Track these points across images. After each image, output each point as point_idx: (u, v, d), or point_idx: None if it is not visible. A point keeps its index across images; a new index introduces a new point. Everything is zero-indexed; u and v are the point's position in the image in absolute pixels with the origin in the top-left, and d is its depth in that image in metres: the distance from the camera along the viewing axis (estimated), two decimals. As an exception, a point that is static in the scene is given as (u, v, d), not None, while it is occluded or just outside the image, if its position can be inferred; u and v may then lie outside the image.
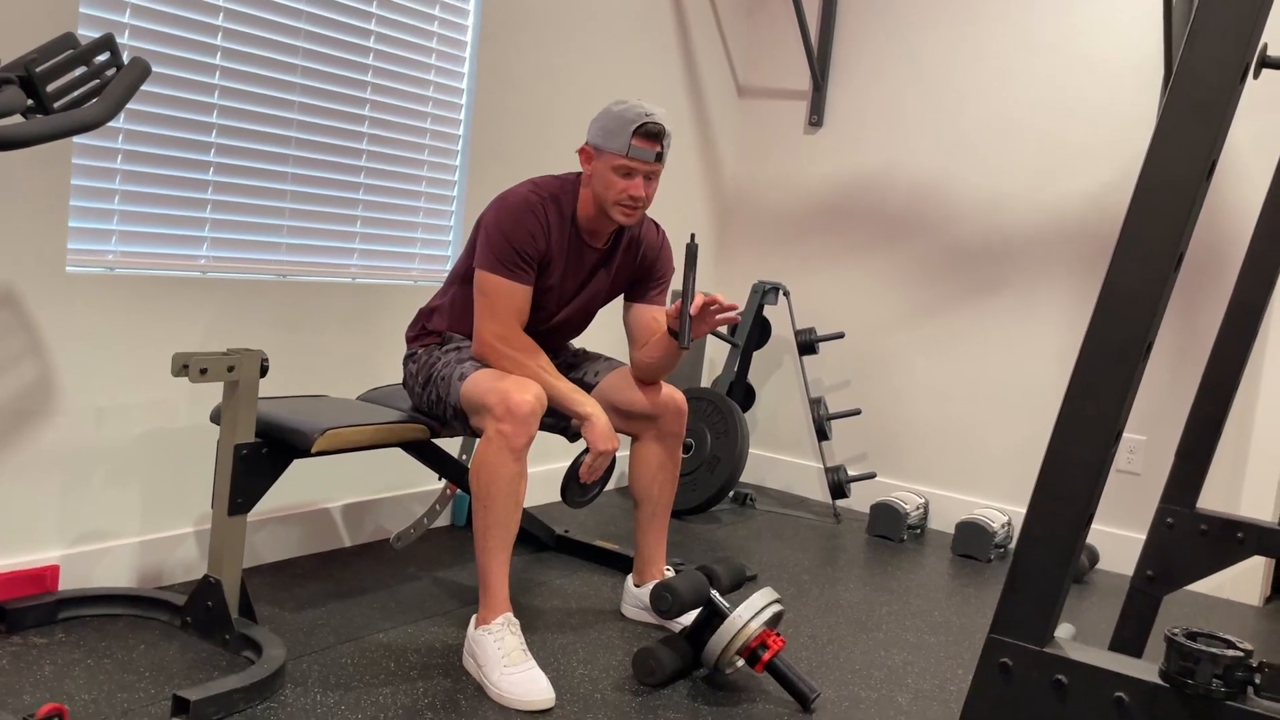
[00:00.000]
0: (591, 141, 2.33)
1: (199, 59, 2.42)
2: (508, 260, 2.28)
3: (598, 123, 2.32)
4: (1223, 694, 1.13)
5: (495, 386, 2.18)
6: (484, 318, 2.30)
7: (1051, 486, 1.20)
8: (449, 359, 2.36)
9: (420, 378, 2.42)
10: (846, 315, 4.00)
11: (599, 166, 2.31)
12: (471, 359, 2.33)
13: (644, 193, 2.32)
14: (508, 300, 2.29)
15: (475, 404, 2.23)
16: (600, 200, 2.34)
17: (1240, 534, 2.05)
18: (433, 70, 2.98)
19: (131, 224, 2.36)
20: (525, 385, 2.17)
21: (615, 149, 2.27)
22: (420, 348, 2.47)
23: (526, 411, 2.13)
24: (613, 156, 2.28)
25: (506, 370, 2.27)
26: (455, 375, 2.30)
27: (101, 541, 2.36)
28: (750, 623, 2.19)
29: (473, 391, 2.23)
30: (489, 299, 2.29)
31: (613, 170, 2.29)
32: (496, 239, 2.29)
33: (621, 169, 2.28)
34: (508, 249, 2.28)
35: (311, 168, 2.70)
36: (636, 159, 2.27)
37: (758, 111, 4.21)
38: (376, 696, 2.03)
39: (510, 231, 2.28)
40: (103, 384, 2.32)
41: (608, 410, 2.49)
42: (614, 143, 2.27)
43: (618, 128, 2.27)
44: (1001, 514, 3.60)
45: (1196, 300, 3.36)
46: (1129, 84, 3.46)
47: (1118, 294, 1.17)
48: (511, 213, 2.30)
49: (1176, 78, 1.13)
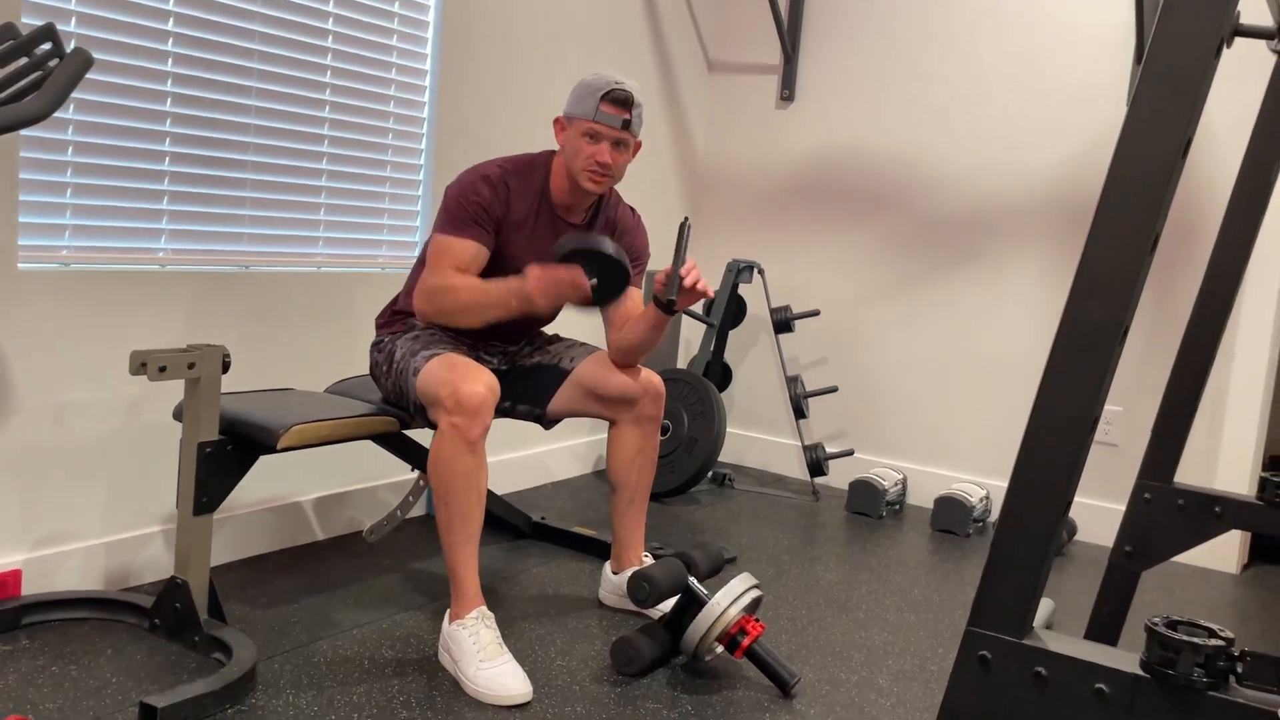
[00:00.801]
0: (565, 112, 2.36)
1: (151, 45, 2.35)
2: (456, 218, 2.28)
3: (571, 94, 2.36)
4: (1205, 684, 1.11)
5: (445, 379, 2.13)
6: (427, 270, 2.29)
7: (1028, 477, 1.18)
8: (406, 349, 2.32)
9: (384, 366, 2.38)
10: (822, 292, 3.97)
11: (570, 134, 2.34)
12: (425, 349, 2.28)
13: (610, 159, 2.32)
14: (450, 252, 2.27)
15: (428, 396, 2.19)
16: (570, 169, 2.35)
17: (1218, 508, 2.04)
18: (395, 52, 2.91)
19: (85, 218, 2.29)
20: (476, 375, 2.13)
21: (583, 114, 2.31)
22: (387, 334, 2.42)
23: (478, 403, 2.09)
24: (581, 122, 2.31)
25: (434, 313, 2.25)
26: (410, 370, 2.26)
27: (65, 544, 2.31)
28: (729, 609, 2.17)
29: (425, 385, 2.19)
30: (432, 255, 2.29)
31: (581, 136, 2.31)
32: (449, 203, 2.31)
33: (589, 133, 2.31)
34: (458, 208, 2.29)
35: (272, 155, 2.64)
36: (602, 123, 2.30)
37: (728, 87, 4.16)
38: (350, 696, 1.99)
39: (462, 194, 2.30)
40: (60, 383, 2.26)
41: (586, 395, 2.48)
42: (582, 108, 2.31)
43: (587, 94, 2.31)
44: (979, 488, 3.59)
45: (1173, 271, 3.35)
46: (1101, 53, 3.43)
47: (1093, 278, 1.14)
48: (468, 179, 2.33)
49: (1150, 53, 1.10)
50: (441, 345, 2.32)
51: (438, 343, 2.33)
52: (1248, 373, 3.24)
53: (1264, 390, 3.23)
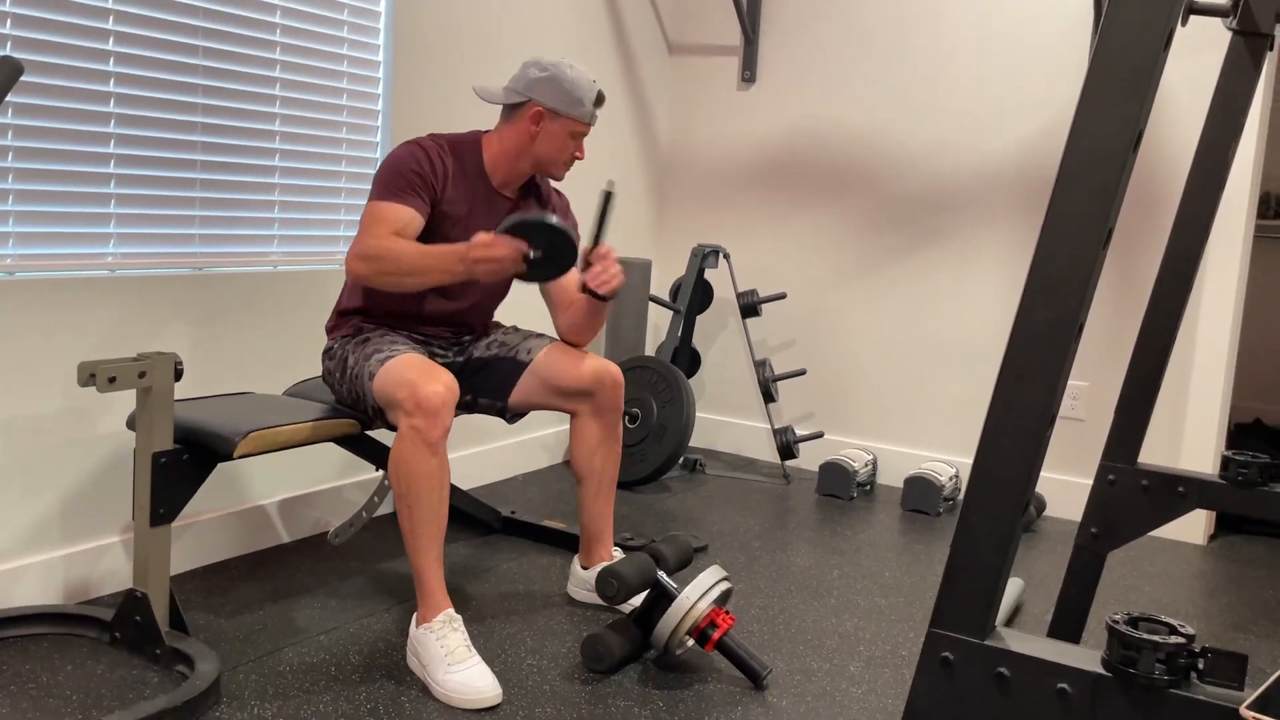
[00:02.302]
0: (550, 105, 2.33)
1: (91, 45, 2.28)
2: (389, 185, 2.25)
3: (551, 86, 2.32)
4: (1166, 681, 1.10)
5: (403, 380, 2.10)
6: (360, 234, 2.22)
7: (986, 478, 1.17)
8: (359, 354, 2.28)
9: (337, 374, 2.34)
10: (788, 275, 3.96)
11: (553, 128, 2.35)
12: (377, 351, 2.24)
13: (583, 153, 2.43)
14: (385, 216, 2.21)
15: (386, 399, 2.15)
16: (541, 159, 2.37)
17: (1181, 488, 2.05)
18: (346, 44, 2.85)
19: (29, 224, 2.23)
20: (434, 375, 2.09)
21: (578, 116, 2.35)
22: (336, 339, 2.38)
23: (437, 404, 2.06)
24: (572, 122, 2.35)
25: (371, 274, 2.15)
26: (365, 374, 2.22)
27: (20, 558, 2.26)
28: (699, 603, 2.16)
29: (383, 387, 2.16)
30: (364, 222, 2.23)
31: (569, 134, 2.36)
32: (384, 173, 2.27)
33: (577, 133, 2.37)
34: (394, 176, 2.26)
35: (222, 153, 2.58)
36: (591, 124, 2.39)
37: (689, 69, 4.12)
38: (317, 705, 1.97)
39: (398, 163, 2.27)
40: (9, 394, 2.20)
41: (545, 388, 2.46)
42: (576, 110, 2.34)
43: (578, 96, 2.33)
44: (949, 466, 3.60)
45: (1135, 244, 3.36)
46: (1061, 30, 3.42)
47: (1047, 274, 1.13)
48: (404, 150, 2.30)
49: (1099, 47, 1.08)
50: (394, 346, 2.27)
51: (390, 343, 2.29)
52: (1212, 346, 3.25)
53: (1226, 366, 3.25)
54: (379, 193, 2.26)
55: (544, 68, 2.33)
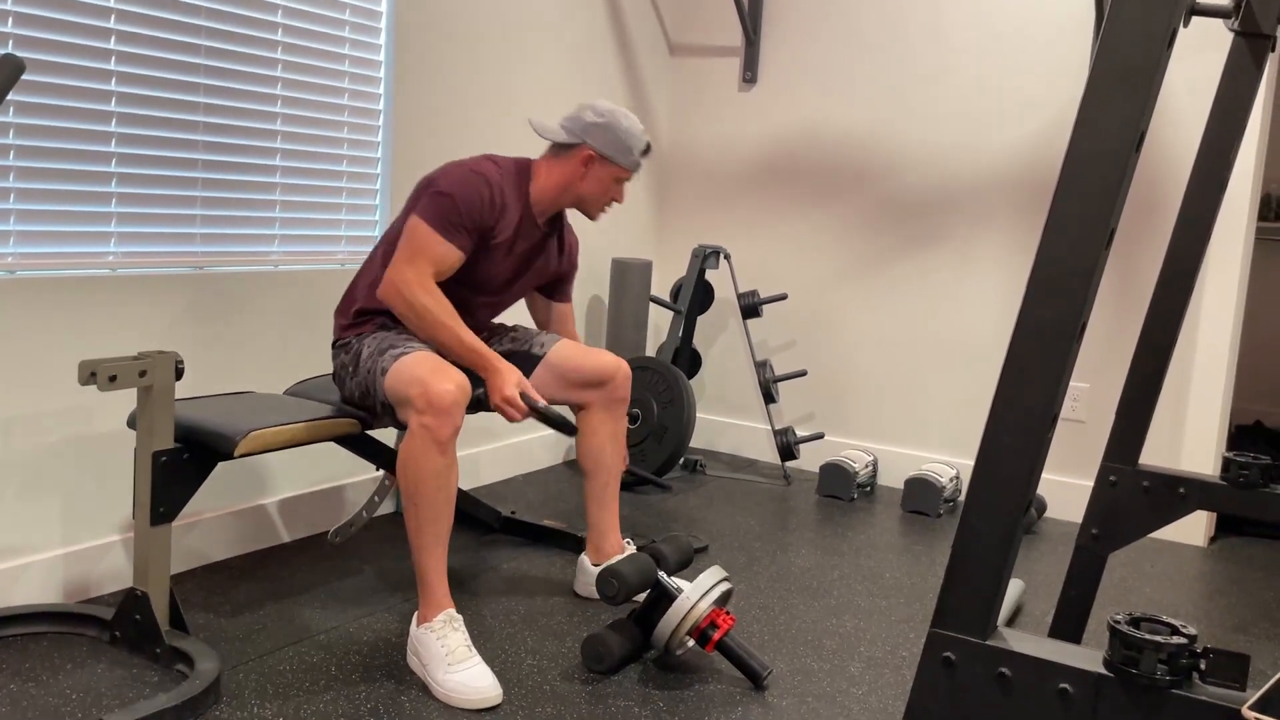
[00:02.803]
0: (602, 151, 2.39)
1: (94, 44, 2.28)
2: (449, 219, 2.25)
3: (605, 133, 2.38)
4: (1168, 682, 1.10)
5: (416, 377, 2.10)
6: (403, 259, 2.24)
7: (988, 476, 1.16)
8: (374, 348, 2.28)
9: (350, 367, 2.33)
10: (789, 275, 3.96)
11: (600, 172, 2.41)
12: (392, 347, 2.25)
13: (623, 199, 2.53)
14: (434, 253, 2.24)
15: (398, 396, 2.15)
16: (584, 198, 2.43)
17: (1182, 489, 2.05)
18: (347, 44, 2.85)
19: (31, 223, 2.23)
20: (446, 374, 2.10)
21: (627, 165, 2.43)
22: (352, 335, 2.38)
23: (449, 403, 2.06)
24: (619, 170, 2.42)
25: (405, 312, 2.23)
26: (378, 369, 2.22)
27: (21, 557, 2.26)
28: (699, 603, 2.16)
29: (395, 384, 2.16)
30: (415, 245, 2.24)
31: (613, 179, 2.44)
32: (443, 198, 2.26)
33: (621, 179, 2.45)
34: (453, 210, 2.25)
35: (223, 152, 2.58)
36: (634, 172, 2.47)
37: (691, 70, 4.12)
38: (317, 704, 1.97)
39: (460, 194, 2.26)
40: (10, 393, 2.20)
41: (557, 379, 2.51)
42: (626, 159, 2.42)
43: (629, 146, 2.41)
44: (949, 468, 3.60)
45: (1136, 245, 3.36)
46: (1063, 29, 3.42)
47: (1049, 274, 1.13)
48: (468, 179, 2.29)
49: (1101, 48, 1.08)
50: (410, 344, 2.28)
51: (405, 340, 2.30)
52: (1213, 347, 3.25)
53: (1227, 367, 3.25)
54: (433, 220, 2.24)
55: (600, 114, 2.38)
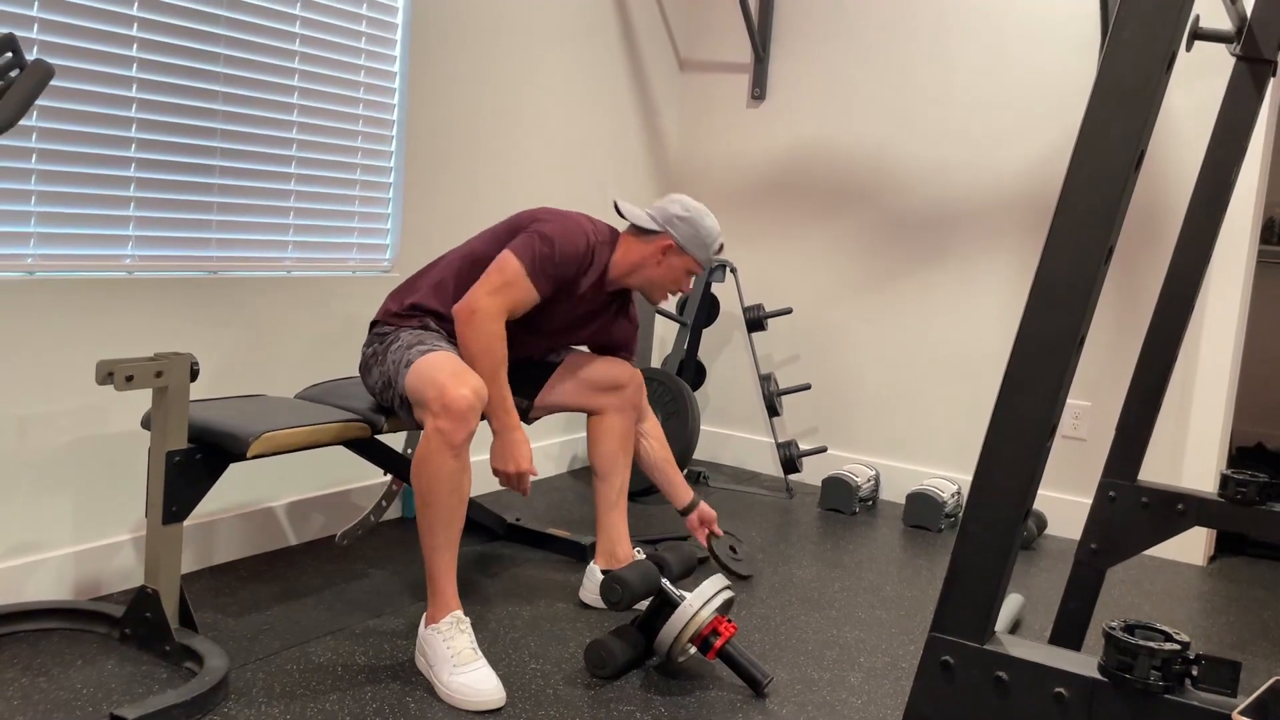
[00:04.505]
0: (682, 244, 2.49)
1: (116, 51, 2.33)
2: (542, 263, 2.34)
3: (688, 227, 2.49)
4: (1161, 687, 1.13)
5: (434, 379, 2.13)
6: (488, 289, 2.30)
7: (988, 485, 1.19)
8: (403, 341, 2.31)
9: (380, 355, 2.35)
10: (794, 290, 3.99)
11: (675, 261, 2.50)
12: (421, 344, 2.28)
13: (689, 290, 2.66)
14: (516, 290, 2.32)
15: (416, 396, 2.19)
16: (653, 282, 2.52)
17: (1180, 505, 2.08)
18: (363, 55, 2.90)
19: (51, 225, 2.28)
20: (464, 379, 2.13)
21: (700, 259, 2.52)
22: (395, 324, 2.39)
23: (464, 407, 2.09)
24: (693, 263, 2.52)
25: (469, 342, 2.28)
26: (403, 362, 2.25)
27: (33, 554, 2.29)
28: (701, 611, 2.19)
29: (415, 382, 2.19)
30: (504, 279, 2.31)
31: (685, 271, 2.53)
32: (545, 242, 2.35)
33: (692, 272, 2.54)
34: (549, 256, 2.35)
35: (239, 159, 2.62)
36: (706, 269, 2.57)
37: (700, 86, 4.17)
38: (323, 705, 1.99)
39: (561, 245, 2.36)
40: (25, 392, 2.24)
41: (573, 385, 2.57)
42: (701, 254, 2.52)
43: (706, 242, 2.51)
44: (951, 483, 3.62)
45: (1138, 264, 3.39)
46: (1067, 48, 3.46)
47: (1048, 290, 1.16)
48: (571, 232, 2.39)
49: (1102, 69, 1.11)
50: (439, 343, 2.31)
51: (436, 339, 2.33)
52: (1214, 367, 3.28)
53: (1228, 385, 3.28)
54: (528, 260, 2.32)
55: (687, 209, 2.49)
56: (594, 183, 3.78)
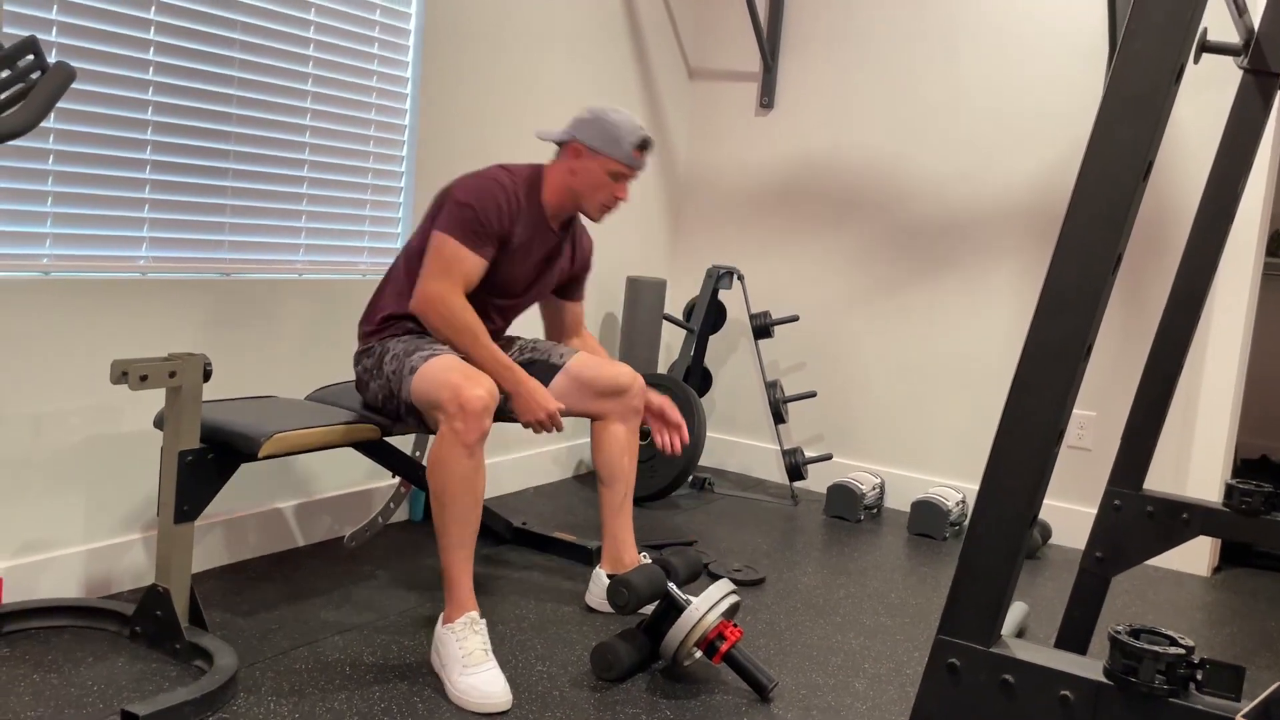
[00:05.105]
0: (587, 143, 2.42)
1: (132, 54, 2.36)
2: (471, 228, 2.32)
3: (592, 126, 2.42)
4: (1165, 691, 1.14)
5: (447, 381, 2.15)
6: (432, 273, 2.32)
7: (995, 489, 1.21)
8: (397, 351, 2.33)
9: (373, 371, 2.38)
10: (801, 297, 4.01)
11: (590, 166, 2.43)
12: (418, 350, 2.30)
13: (626, 196, 2.49)
14: (461, 265, 2.32)
15: (427, 400, 2.21)
16: (580, 196, 2.45)
17: (1186, 515, 2.09)
18: (376, 60, 2.92)
19: (66, 226, 2.30)
20: (476, 379, 2.15)
21: (617, 156, 2.41)
22: (375, 340, 2.43)
23: (479, 408, 2.11)
24: (610, 162, 2.42)
25: (440, 327, 2.31)
26: (405, 370, 2.27)
27: (45, 551, 2.31)
28: (707, 615, 2.20)
29: (423, 387, 2.21)
30: (443, 259, 2.32)
31: (607, 174, 2.43)
32: (464, 209, 2.33)
33: (616, 174, 2.43)
34: (474, 219, 2.33)
35: (253, 163, 2.65)
36: (632, 167, 2.44)
37: (709, 94, 4.19)
38: (331, 703, 2.01)
39: (479, 203, 2.34)
40: (39, 391, 2.26)
41: (576, 389, 2.56)
42: (615, 150, 2.41)
43: (619, 136, 2.41)
44: (956, 492, 3.63)
45: (1144, 275, 3.40)
46: (1075, 61, 3.48)
47: (1057, 296, 1.17)
48: (484, 186, 2.36)
49: (1112, 79, 1.13)
50: (435, 346, 2.33)
51: (430, 343, 2.35)
52: (1219, 377, 3.29)
53: (1234, 395, 3.29)
54: (458, 232, 2.32)
55: (592, 110, 2.45)
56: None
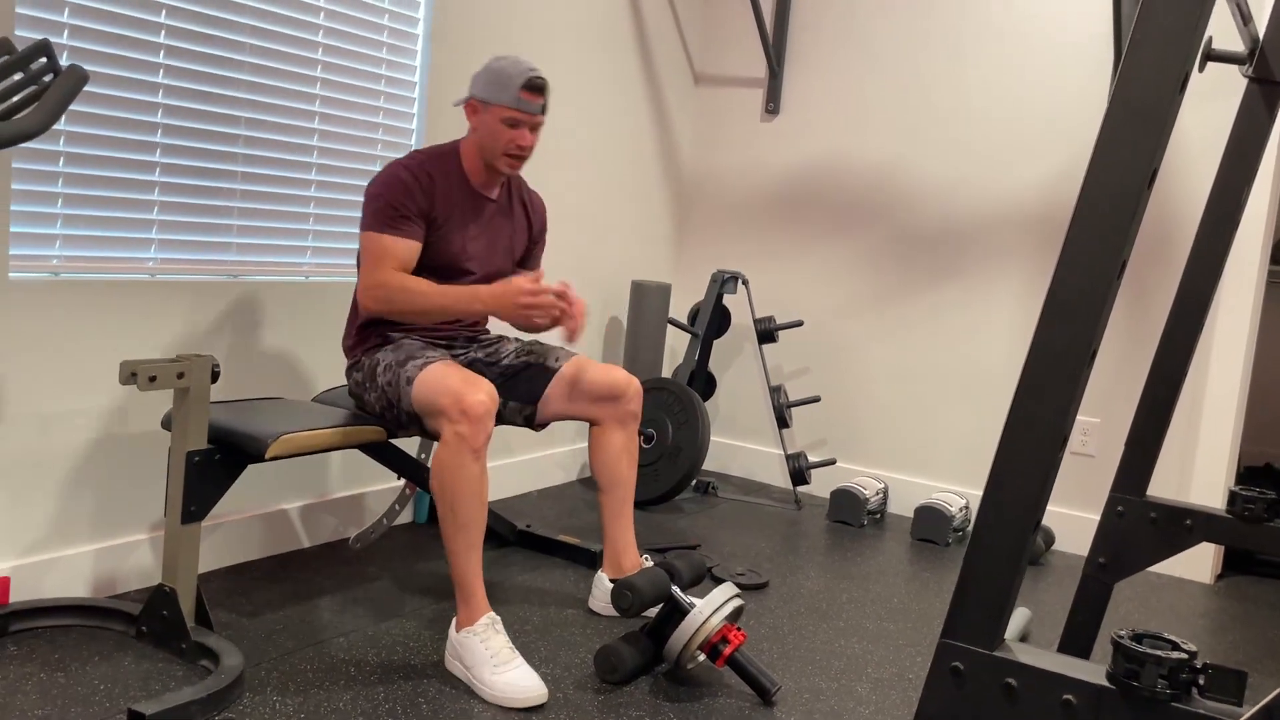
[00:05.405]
0: (478, 96, 2.41)
1: (142, 57, 2.37)
2: (385, 216, 2.34)
3: (482, 77, 2.41)
4: (1168, 695, 1.15)
5: (448, 387, 2.17)
6: (364, 270, 2.34)
7: (1000, 493, 1.22)
8: (389, 362, 2.35)
9: (366, 383, 2.40)
10: (805, 303, 4.02)
11: (486, 119, 2.40)
12: (411, 358, 2.32)
13: (529, 142, 2.42)
14: (388, 252, 2.33)
15: (428, 407, 2.22)
16: (486, 151, 2.43)
17: (1189, 521, 2.09)
18: (384, 64, 2.94)
19: (76, 228, 2.31)
20: (476, 384, 2.17)
21: (505, 102, 2.36)
22: (362, 354, 2.45)
23: (482, 412, 2.12)
24: (501, 109, 2.37)
25: (392, 310, 2.32)
26: (401, 380, 2.29)
27: (52, 551, 2.32)
28: (711, 618, 2.20)
29: (423, 394, 2.22)
30: (370, 254, 2.34)
31: (501, 122, 2.39)
32: (374, 200, 2.35)
33: (509, 120, 2.38)
34: (385, 205, 2.34)
35: (261, 165, 2.66)
36: (524, 111, 2.38)
37: (714, 100, 4.20)
38: (336, 703, 2.02)
39: (386, 190, 2.35)
40: (48, 391, 2.27)
41: (571, 394, 2.54)
42: (503, 96, 2.37)
43: (505, 81, 2.37)
44: (959, 498, 3.64)
45: (1148, 283, 3.41)
46: (1081, 69, 3.49)
47: (1062, 302, 1.18)
48: (387, 174, 2.38)
49: (1117, 88, 1.14)
50: (426, 353, 2.35)
51: (420, 350, 2.37)
52: (1223, 385, 3.29)
53: (1238, 403, 3.29)
54: (375, 224, 2.34)
55: (484, 64, 2.42)
56: (608, 194, 3.81)
